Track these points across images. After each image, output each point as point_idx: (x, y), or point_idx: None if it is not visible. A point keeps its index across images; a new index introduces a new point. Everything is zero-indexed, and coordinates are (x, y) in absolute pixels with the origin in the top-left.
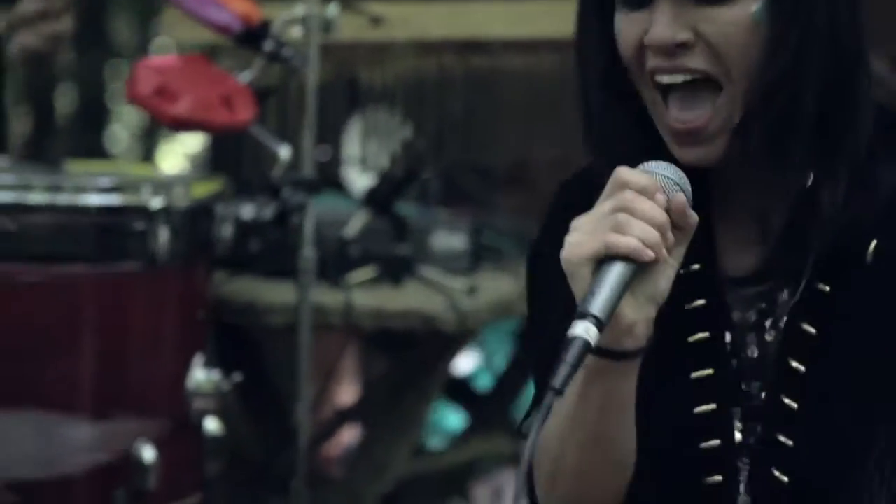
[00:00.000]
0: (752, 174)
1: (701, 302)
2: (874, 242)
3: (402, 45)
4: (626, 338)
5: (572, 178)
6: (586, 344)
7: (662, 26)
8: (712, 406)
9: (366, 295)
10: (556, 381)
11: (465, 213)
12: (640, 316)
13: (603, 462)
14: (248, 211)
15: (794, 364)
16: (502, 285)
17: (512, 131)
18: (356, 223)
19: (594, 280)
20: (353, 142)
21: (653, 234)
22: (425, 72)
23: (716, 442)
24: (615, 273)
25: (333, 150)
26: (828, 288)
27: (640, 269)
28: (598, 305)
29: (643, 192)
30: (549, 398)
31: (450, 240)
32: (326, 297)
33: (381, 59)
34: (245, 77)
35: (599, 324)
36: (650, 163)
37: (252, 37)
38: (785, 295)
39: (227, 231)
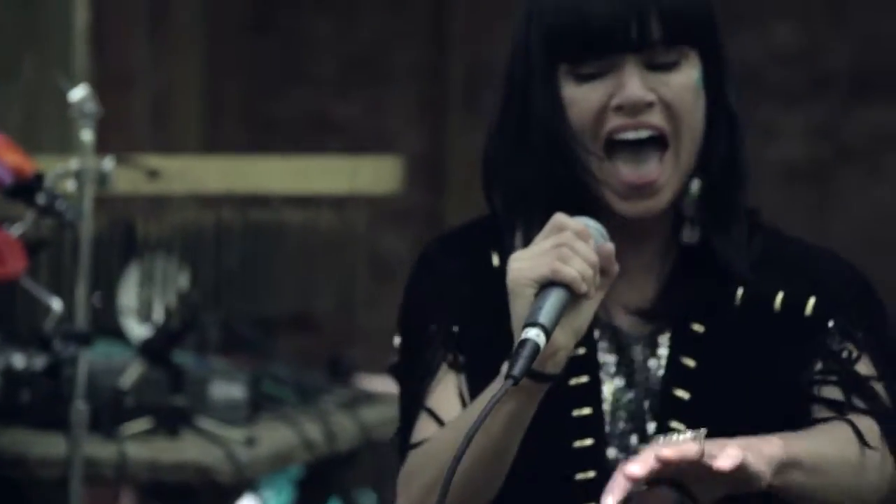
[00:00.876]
0: (652, 228)
1: (581, 350)
2: (741, 290)
3: (179, 199)
4: (550, 362)
5: (445, 234)
6: (536, 346)
7: (635, 88)
8: (589, 441)
9: (141, 447)
10: (515, 371)
11: (244, 363)
12: (565, 344)
13: (495, 475)
14: (18, 362)
15: (679, 392)
16: (281, 435)
17: (291, 282)
18: (132, 373)
19: (538, 299)
20: (129, 291)
21: (588, 271)
22: (203, 224)
23: (591, 474)
24: (556, 296)
25: (110, 300)
26: (702, 329)
27: (573, 298)
28: (545, 318)
29: (579, 235)
30: (507, 384)
31: (228, 389)
32: (99, 449)
33: (158, 211)
34: (17, 229)
35: (546, 333)
36: (578, 218)
37: (24, 190)
38: (667, 335)
39: None
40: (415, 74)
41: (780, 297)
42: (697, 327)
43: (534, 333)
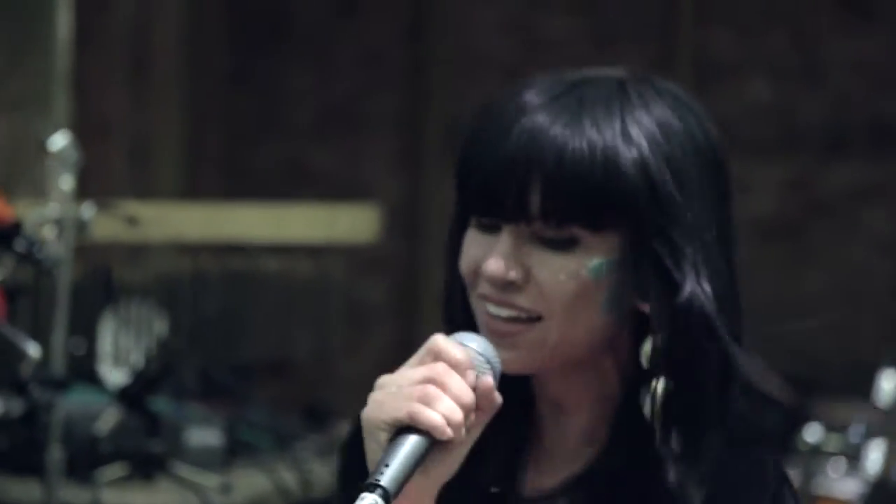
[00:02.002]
0: (574, 414)
1: None
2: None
3: (158, 246)
4: None
5: None
6: None
7: (495, 263)
8: None
9: (116, 493)
10: None
11: (221, 409)
12: (424, 495)
13: None
14: None
15: None
16: (257, 481)
17: (269, 329)
18: (108, 419)
19: (389, 449)
20: (106, 338)
21: (457, 414)
22: (182, 271)
23: None
24: (411, 446)
25: (88, 346)
26: None
27: (434, 445)
28: (389, 478)
29: (456, 367)
30: None
31: (204, 436)
32: (75, 495)
33: (136, 258)
34: None
35: (387, 497)
36: (466, 334)
37: (3, 236)
38: None
39: None
40: (392, 125)
41: None
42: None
43: (370, 501)
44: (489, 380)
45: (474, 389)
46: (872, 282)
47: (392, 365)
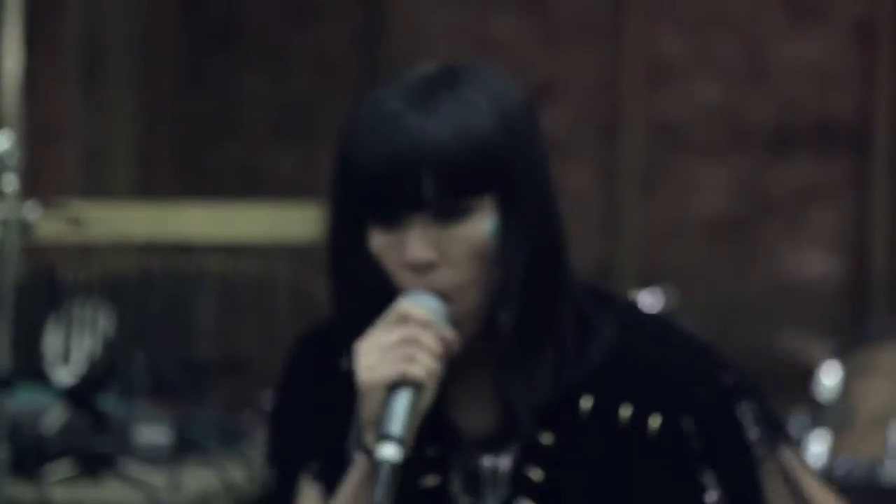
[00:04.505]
0: (485, 351)
1: (432, 452)
2: (589, 401)
3: (104, 246)
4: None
5: (310, 334)
6: (394, 464)
7: (415, 249)
8: None
9: (63, 491)
10: (377, 499)
11: (170, 407)
12: (412, 429)
13: None
14: None
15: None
16: (205, 479)
17: (214, 328)
18: (54, 417)
19: (389, 405)
20: (53, 336)
21: (434, 366)
22: (128, 270)
23: None
24: (406, 398)
25: (34, 345)
26: (551, 440)
27: (419, 391)
28: (398, 428)
29: (423, 325)
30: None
31: (152, 433)
32: (21, 492)
33: (82, 258)
34: None
35: (402, 444)
36: (418, 295)
37: None
38: (513, 448)
39: None
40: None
41: (625, 410)
42: (546, 438)
43: (390, 453)
44: (450, 331)
45: (440, 340)
46: (819, 280)
47: None
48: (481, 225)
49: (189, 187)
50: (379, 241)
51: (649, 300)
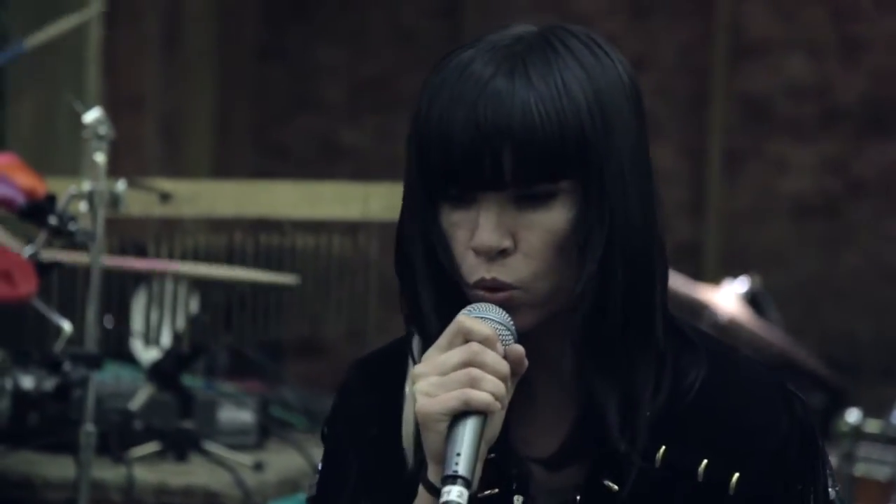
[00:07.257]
0: (558, 366)
1: (495, 490)
2: (663, 449)
3: (190, 221)
4: None
5: (367, 358)
6: None
7: (486, 234)
8: None
9: (148, 470)
10: None
11: (253, 387)
12: (479, 460)
13: None
14: (27, 383)
15: None
16: (290, 460)
17: (301, 307)
18: (140, 397)
19: (453, 438)
20: (139, 315)
21: (501, 387)
22: (214, 247)
23: None
24: (472, 429)
25: (120, 323)
26: (615, 487)
27: (486, 418)
28: (465, 467)
29: (486, 343)
30: None
31: (236, 414)
32: (107, 472)
33: (169, 234)
34: (27, 251)
35: (468, 485)
36: (480, 307)
37: (36, 211)
38: (578, 481)
39: (4, 404)
40: None
41: (702, 465)
42: (609, 485)
43: (456, 494)
44: (518, 347)
45: (506, 358)
46: None
47: None
48: (563, 213)
49: (265, 159)
50: (449, 218)
51: (736, 288)
